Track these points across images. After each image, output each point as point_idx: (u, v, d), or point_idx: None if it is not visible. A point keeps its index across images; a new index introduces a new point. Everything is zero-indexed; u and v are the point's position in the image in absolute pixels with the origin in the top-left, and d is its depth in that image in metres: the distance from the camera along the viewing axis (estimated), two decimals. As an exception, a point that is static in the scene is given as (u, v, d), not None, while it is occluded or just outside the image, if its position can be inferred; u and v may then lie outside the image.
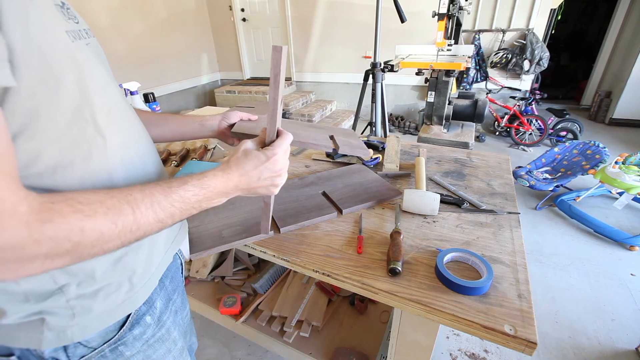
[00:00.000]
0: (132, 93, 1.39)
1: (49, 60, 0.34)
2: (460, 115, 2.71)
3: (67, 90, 0.36)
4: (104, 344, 0.47)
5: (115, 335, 0.48)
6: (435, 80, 2.48)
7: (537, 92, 3.49)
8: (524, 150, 3.41)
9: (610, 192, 2.43)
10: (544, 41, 3.42)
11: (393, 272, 0.61)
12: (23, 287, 0.39)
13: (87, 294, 0.43)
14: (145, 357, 0.53)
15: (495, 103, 3.58)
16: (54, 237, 0.32)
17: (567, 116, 3.41)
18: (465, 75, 3.51)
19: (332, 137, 0.77)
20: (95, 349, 0.46)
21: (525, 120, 3.37)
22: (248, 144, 0.53)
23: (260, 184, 0.51)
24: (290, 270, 1.34)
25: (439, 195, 0.80)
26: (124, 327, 0.48)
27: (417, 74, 2.52)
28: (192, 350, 0.86)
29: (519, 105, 3.45)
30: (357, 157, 1.12)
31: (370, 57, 2.36)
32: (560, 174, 2.42)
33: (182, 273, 0.66)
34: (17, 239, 0.30)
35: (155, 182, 0.42)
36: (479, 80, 3.57)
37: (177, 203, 0.42)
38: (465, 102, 2.70)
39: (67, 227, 0.33)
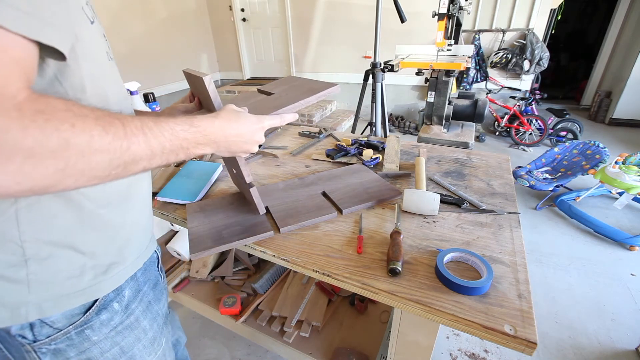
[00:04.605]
0: (132, 93, 1.39)
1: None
2: (460, 115, 2.70)
3: (102, 94, 0.45)
4: (69, 325, 0.48)
5: (81, 319, 0.48)
6: (435, 80, 2.48)
7: (537, 92, 3.49)
8: (524, 150, 3.41)
9: (610, 192, 2.43)
10: (544, 41, 3.42)
11: (393, 272, 0.61)
12: None
13: (47, 272, 0.44)
14: (114, 343, 0.54)
15: (495, 103, 3.58)
16: (42, 125, 0.30)
17: (567, 116, 3.41)
18: (465, 75, 3.51)
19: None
20: (61, 330, 0.47)
21: (525, 120, 3.37)
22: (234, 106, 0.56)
23: (240, 139, 0.53)
24: (290, 270, 1.34)
25: (439, 195, 0.79)
26: (90, 311, 0.49)
27: (417, 74, 2.52)
28: (180, 344, 0.88)
29: (519, 105, 3.45)
30: (358, 156, 1.12)
31: (370, 57, 2.36)
32: (560, 174, 2.42)
33: (157, 267, 0.66)
34: (5, 120, 0.28)
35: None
36: (479, 80, 3.57)
37: (166, 133, 0.41)
38: (465, 102, 2.69)
39: (58, 117, 0.31)
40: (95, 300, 0.50)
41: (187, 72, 0.62)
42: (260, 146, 1.25)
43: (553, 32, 3.98)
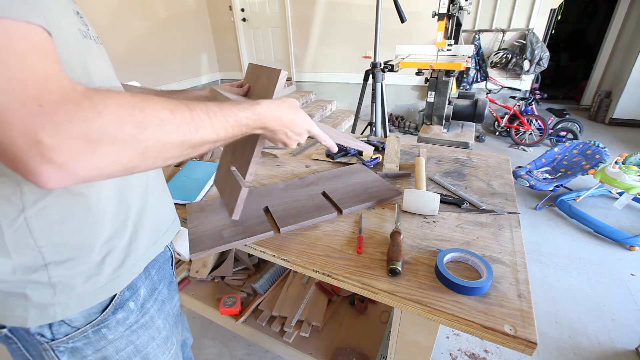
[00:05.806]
0: (132, 93, 1.40)
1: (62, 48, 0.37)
2: (460, 115, 2.70)
3: (75, 74, 0.39)
4: (87, 324, 0.48)
5: (98, 317, 0.49)
6: (435, 80, 2.48)
7: (537, 92, 3.49)
8: (524, 150, 3.41)
9: (610, 192, 2.42)
10: (544, 41, 3.42)
11: (393, 272, 0.61)
12: (15, 262, 0.41)
13: (69, 274, 0.44)
14: (129, 342, 0.54)
15: (495, 103, 3.58)
16: (116, 111, 0.31)
17: (567, 116, 3.41)
18: (465, 75, 3.51)
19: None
20: (79, 329, 0.48)
21: (525, 120, 3.37)
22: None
23: (289, 131, 0.56)
24: (290, 270, 1.34)
25: (439, 195, 0.80)
26: (107, 310, 0.50)
27: (417, 74, 2.52)
28: (187, 345, 0.87)
29: (519, 105, 3.45)
30: (358, 156, 1.12)
31: (370, 57, 2.36)
32: (560, 174, 2.42)
33: (171, 265, 0.66)
34: (80, 110, 0.29)
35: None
36: (479, 80, 3.57)
37: (229, 118, 0.44)
38: (465, 102, 2.69)
39: (128, 104, 0.33)
40: (112, 299, 0.50)
41: (254, 64, 0.68)
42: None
43: (553, 32, 3.98)
